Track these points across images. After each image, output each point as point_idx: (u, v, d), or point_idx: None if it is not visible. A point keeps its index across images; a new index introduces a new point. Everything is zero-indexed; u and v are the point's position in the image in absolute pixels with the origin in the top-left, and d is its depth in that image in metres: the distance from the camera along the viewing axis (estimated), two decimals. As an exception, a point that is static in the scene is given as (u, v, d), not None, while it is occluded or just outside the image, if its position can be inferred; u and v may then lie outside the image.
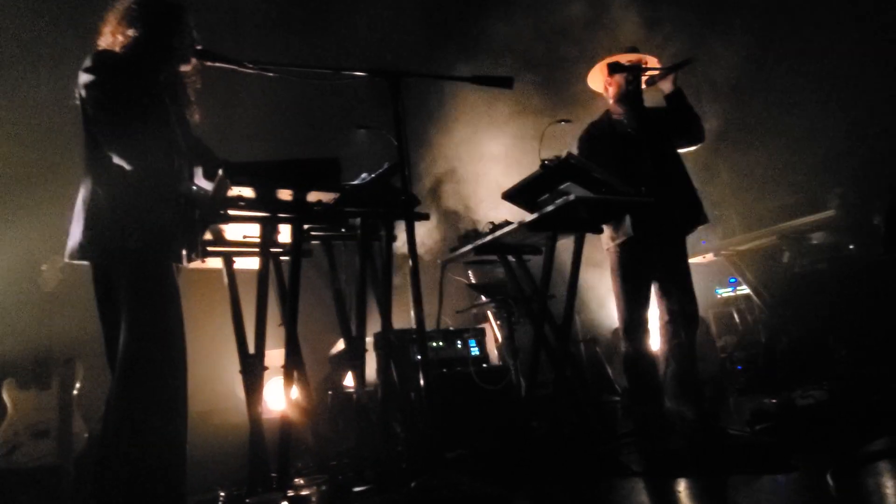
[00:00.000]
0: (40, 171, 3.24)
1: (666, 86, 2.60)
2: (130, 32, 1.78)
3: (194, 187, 1.90)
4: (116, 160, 1.66)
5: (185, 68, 1.94)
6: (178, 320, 1.71)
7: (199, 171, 2.01)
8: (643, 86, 2.68)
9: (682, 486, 1.72)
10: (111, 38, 1.79)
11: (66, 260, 1.70)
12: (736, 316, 4.73)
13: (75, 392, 3.04)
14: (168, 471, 1.62)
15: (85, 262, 1.70)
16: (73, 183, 1.76)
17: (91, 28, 1.84)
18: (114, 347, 1.65)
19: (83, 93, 1.69)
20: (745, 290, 4.15)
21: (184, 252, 1.81)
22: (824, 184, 4.11)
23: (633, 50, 2.71)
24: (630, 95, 2.64)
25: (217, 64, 1.94)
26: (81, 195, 1.70)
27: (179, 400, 1.67)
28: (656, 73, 2.57)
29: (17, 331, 3.06)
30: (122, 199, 1.66)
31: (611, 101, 2.82)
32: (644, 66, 2.66)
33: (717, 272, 4.58)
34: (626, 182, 2.37)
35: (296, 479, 2.06)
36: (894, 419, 2.06)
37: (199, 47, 1.93)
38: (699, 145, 2.75)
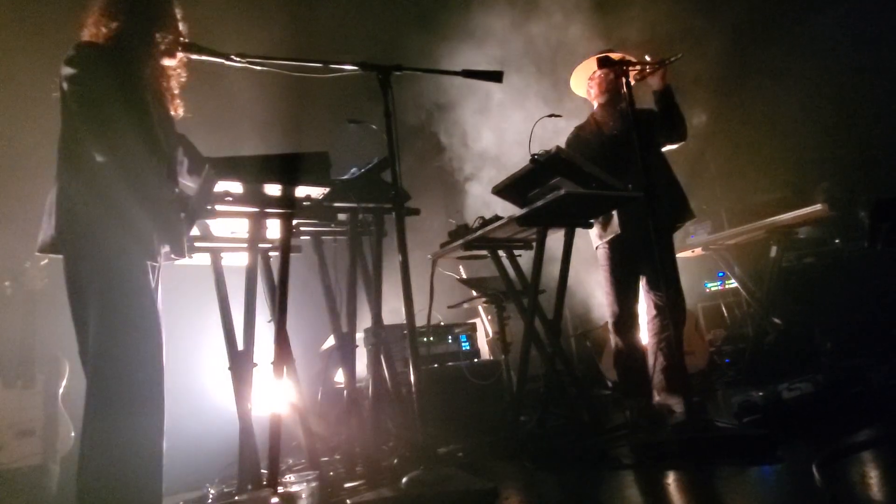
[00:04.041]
0: (21, 167, 3.18)
1: (655, 82, 2.61)
2: (114, 25, 1.74)
3: (177, 189, 1.87)
4: (98, 157, 1.63)
5: (170, 62, 1.90)
6: (149, 317, 1.68)
7: (182, 169, 1.98)
8: (632, 81, 2.68)
9: (670, 478, 1.73)
10: (94, 29, 1.75)
11: (37, 252, 1.66)
12: (724, 309, 4.78)
13: (61, 390, 3.00)
14: (143, 471, 1.60)
15: (59, 256, 1.66)
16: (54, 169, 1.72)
17: (73, 15, 1.80)
18: (85, 344, 1.63)
19: (65, 86, 1.65)
20: (733, 283, 4.19)
21: (164, 250, 1.78)
22: (811, 179, 4.16)
23: (610, 52, 2.71)
24: (616, 92, 2.65)
25: (203, 57, 1.90)
26: (55, 188, 1.67)
27: (153, 397, 1.65)
28: (646, 67, 2.58)
29: (1, 329, 3.01)
30: (96, 195, 1.63)
31: (595, 104, 2.84)
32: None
33: (705, 266, 4.62)
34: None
35: (286, 476, 2.05)
36: (877, 410, 2.10)
37: (184, 40, 1.90)
38: (681, 143, 2.77)
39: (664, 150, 2.77)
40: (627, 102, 2.27)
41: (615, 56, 2.61)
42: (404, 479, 1.75)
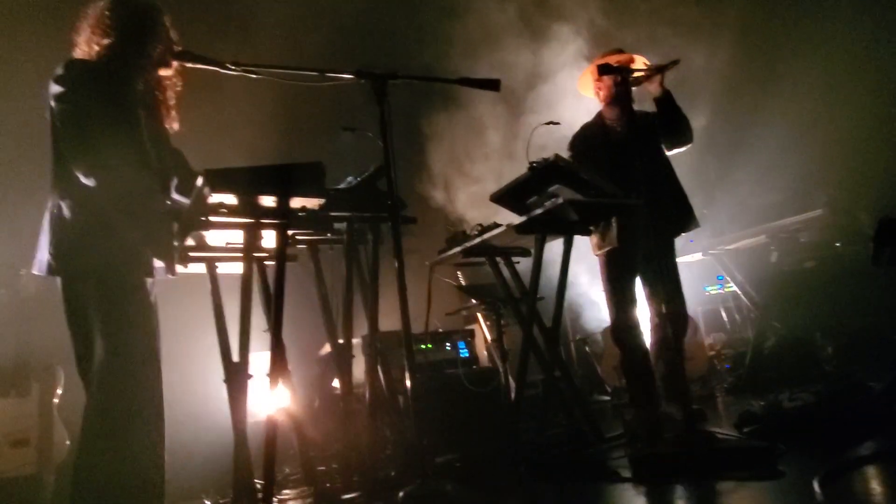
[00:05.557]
0: (16, 175, 3.16)
1: (654, 88, 2.58)
2: (105, 42, 1.72)
3: (168, 201, 1.85)
4: (80, 177, 1.62)
5: (165, 72, 1.88)
6: (149, 333, 1.70)
7: (172, 186, 1.96)
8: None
9: (669, 492, 1.71)
10: (87, 48, 1.74)
11: (34, 273, 1.66)
12: (724, 314, 4.76)
13: (56, 399, 2.98)
14: (146, 482, 1.61)
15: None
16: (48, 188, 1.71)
17: (70, 25, 1.78)
18: (84, 360, 1.64)
19: (52, 104, 1.64)
20: (733, 287, 4.17)
21: (160, 265, 1.77)
22: (812, 183, 4.14)
23: (620, 51, 2.69)
24: (620, 98, 2.62)
25: (197, 65, 1.88)
26: (48, 207, 1.66)
27: (155, 411, 1.66)
28: (643, 73, 2.55)
29: (-4, 336, 2.99)
30: (87, 215, 1.63)
31: (602, 105, 2.81)
32: (633, 66, 2.64)
33: (705, 270, 4.60)
34: (616, 186, 2.36)
35: (282, 492, 2.04)
36: (879, 421, 2.07)
37: (178, 48, 1.88)
38: (688, 146, 2.74)
39: (670, 153, 2.74)
40: (629, 110, 2.25)
41: (623, 58, 2.59)
42: (401, 494, 1.73)
